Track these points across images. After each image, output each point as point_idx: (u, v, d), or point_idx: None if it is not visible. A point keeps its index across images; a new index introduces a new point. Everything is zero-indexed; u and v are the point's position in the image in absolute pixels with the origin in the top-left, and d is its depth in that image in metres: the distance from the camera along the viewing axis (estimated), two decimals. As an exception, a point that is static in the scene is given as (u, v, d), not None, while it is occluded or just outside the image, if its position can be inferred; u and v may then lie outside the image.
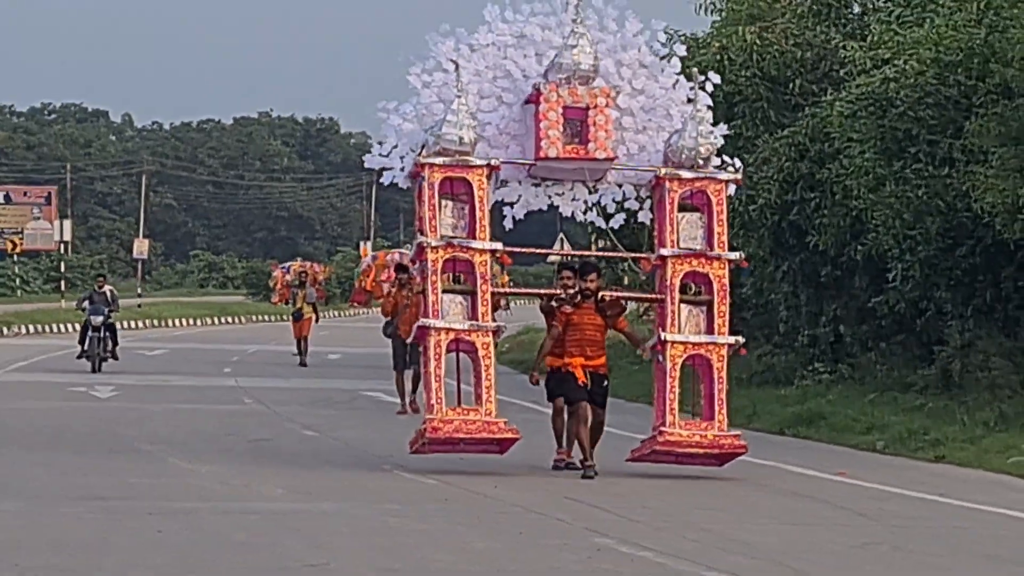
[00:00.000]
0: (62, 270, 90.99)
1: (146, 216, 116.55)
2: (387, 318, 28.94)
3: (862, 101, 28.56)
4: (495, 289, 19.05)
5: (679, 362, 18.35)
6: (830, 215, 29.59)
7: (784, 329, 31.78)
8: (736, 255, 18.95)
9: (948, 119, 27.94)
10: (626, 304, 19.27)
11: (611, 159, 18.49)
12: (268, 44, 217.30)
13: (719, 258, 18.43)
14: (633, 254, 19.89)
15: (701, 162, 18.42)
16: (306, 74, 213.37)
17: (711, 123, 18.64)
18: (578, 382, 18.26)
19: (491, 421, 18.11)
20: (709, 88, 18.84)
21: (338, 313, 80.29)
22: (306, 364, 41.11)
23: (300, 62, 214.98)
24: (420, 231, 18.32)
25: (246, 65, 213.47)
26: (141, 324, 64.93)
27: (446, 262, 18.14)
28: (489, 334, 18.20)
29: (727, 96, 28.95)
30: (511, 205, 19.00)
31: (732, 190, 19.07)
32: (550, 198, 19.00)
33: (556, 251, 33.19)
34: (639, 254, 19.74)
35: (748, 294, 33.00)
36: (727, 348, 18.52)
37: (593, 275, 18.59)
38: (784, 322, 32.04)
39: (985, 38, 27.39)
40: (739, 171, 19.13)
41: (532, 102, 18.43)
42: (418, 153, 18.25)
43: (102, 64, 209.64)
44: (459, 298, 18.20)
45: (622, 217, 19.27)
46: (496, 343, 18.63)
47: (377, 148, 19.06)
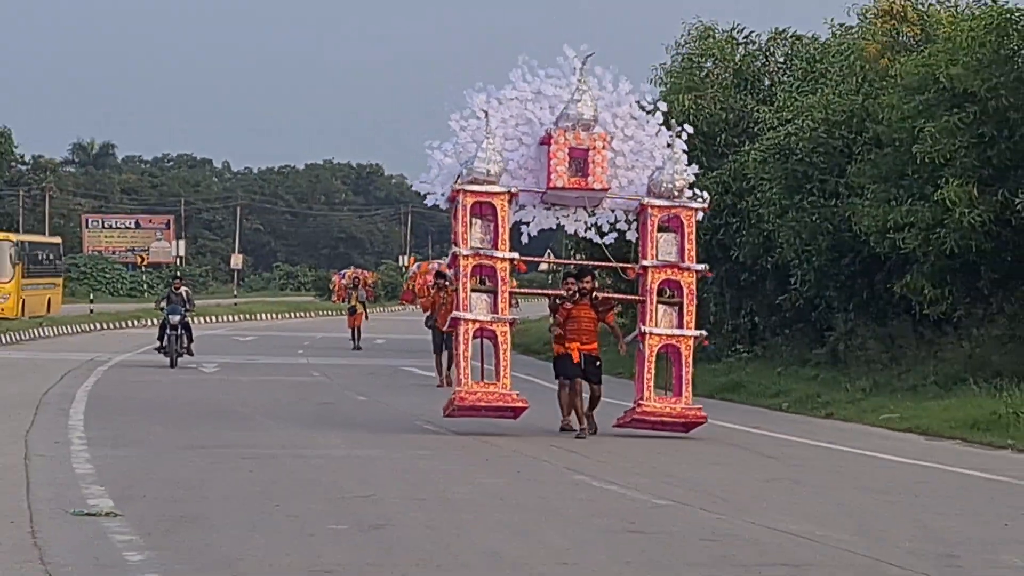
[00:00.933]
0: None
1: (240, 237, 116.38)
2: (427, 313, 28.90)
3: (770, 150, 28.58)
4: (512, 289, 18.73)
5: (655, 350, 18.02)
6: (747, 235, 29.61)
7: (713, 320, 31.71)
8: (702, 267, 18.65)
9: (834, 163, 27.94)
10: (615, 304, 19.01)
11: (605, 190, 18.22)
12: (329, 107, 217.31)
13: (689, 269, 18.15)
14: (621, 264, 19.61)
15: (677, 193, 18.10)
16: (359, 129, 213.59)
17: (685, 163, 18.36)
18: (574, 362, 17.94)
19: (507, 393, 17.86)
20: (684, 136, 18.55)
21: (382, 309, 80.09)
22: (360, 347, 41.09)
23: (354, 120, 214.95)
24: (455, 243, 18.05)
25: (314, 122, 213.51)
26: (236, 318, 64.82)
27: (474, 267, 17.89)
28: (507, 325, 18.01)
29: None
30: (527, 224, 18.74)
31: (700, 216, 18.72)
32: (558, 219, 18.73)
33: (560, 261, 32.61)
34: (626, 264, 19.39)
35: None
36: (693, 339, 18.22)
37: (588, 278, 18.30)
38: (714, 315, 31.99)
39: (862, 103, 27.40)
40: (706, 202, 18.76)
41: (545, 143, 18.20)
42: (455, 181, 18.04)
43: (208, 122, 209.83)
44: (484, 296, 17.93)
45: (614, 235, 18.93)
46: (512, 332, 18.37)
47: (423, 176, 18.83)
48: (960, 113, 24.13)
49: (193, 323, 33.98)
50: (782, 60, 34.48)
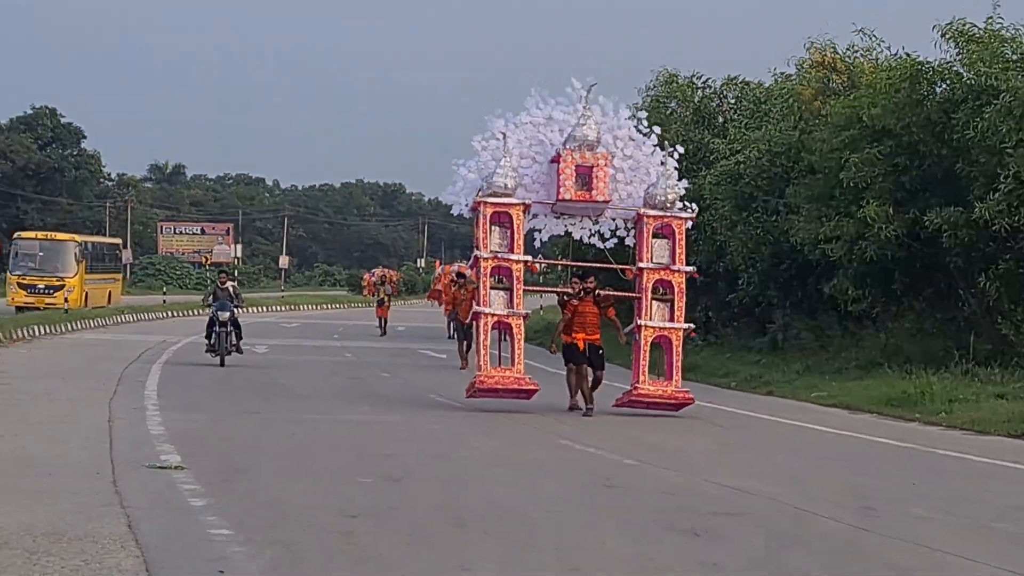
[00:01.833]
0: (235, 275, 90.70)
1: (286, 242, 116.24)
2: (450, 307, 28.71)
3: (723, 175, 28.59)
4: (525, 287, 18.02)
5: (649, 340, 17.50)
6: (703, 244, 29.55)
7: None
8: (691, 268, 18.01)
9: (775, 186, 27.94)
10: (614, 300, 18.47)
11: (607, 202, 17.75)
12: (360, 135, 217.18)
13: (679, 271, 17.61)
14: (621, 266, 18.87)
15: (669, 205, 17.64)
16: (385, 153, 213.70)
17: (676, 179, 17.94)
18: (579, 350, 17.37)
19: (520, 377, 17.31)
20: (675, 156, 18.11)
21: (401, 303, 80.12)
22: (385, 333, 41.04)
23: (381, 145, 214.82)
24: (476, 247, 17.60)
25: (348, 148, 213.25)
26: (283, 308, 64.71)
27: (493, 268, 17.40)
28: (521, 318, 17.45)
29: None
30: (539, 231, 18.29)
31: (689, 225, 18.06)
32: (566, 227, 18.27)
33: (566, 262, 32.11)
34: (625, 266, 18.73)
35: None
36: (682, 331, 17.66)
37: (592, 278, 17.81)
38: (675, 309, 32.00)
39: (798, 137, 27.41)
40: (695, 212, 18.10)
41: (555, 161, 17.81)
42: (477, 194, 17.66)
43: (262, 147, 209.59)
44: (501, 293, 17.46)
45: (614, 241, 18.42)
46: (525, 324, 17.77)
47: (450, 188, 18.39)
48: (879, 146, 24.17)
49: (247, 312, 31.77)
50: (733, 101, 34.51)
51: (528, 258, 17.69)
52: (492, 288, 17.43)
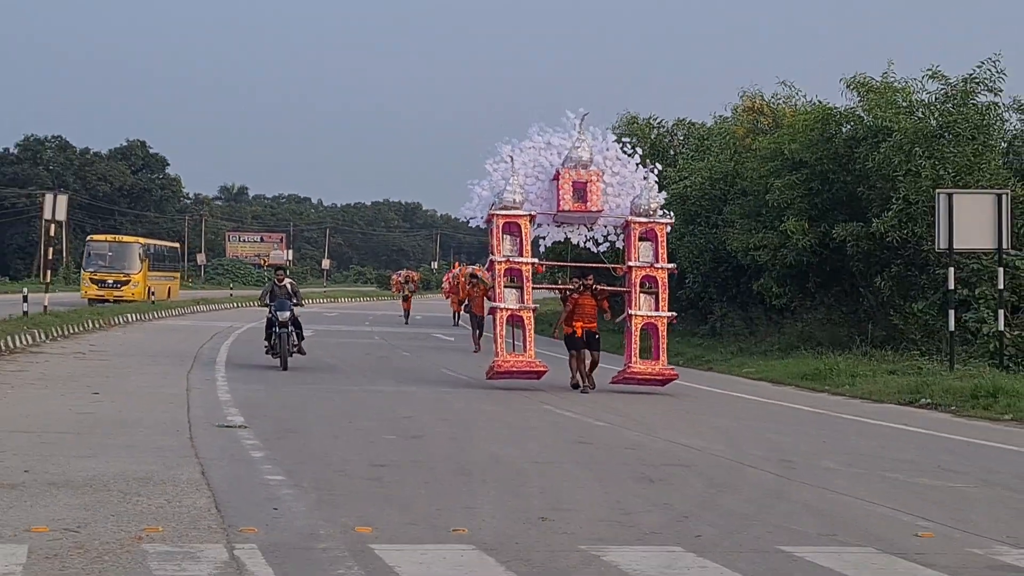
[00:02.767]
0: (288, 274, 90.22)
1: (328, 249, 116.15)
2: (464, 301, 28.65)
3: (674, 197, 28.49)
4: (533, 285, 17.38)
5: (639, 326, 17.07)
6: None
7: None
8: (672, 265, 17.53)
9: (715, 205, 27.96)
10: (608, 293, 18.02)
11: (599, 211, 17.34)
12: (388, 161, 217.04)
13: (662, 268, 17.17)
14: (613, 265, 18.43)
15: (652, 213, 17.22)
16: (406, 176, 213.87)
17: (657, 191, 17.56)
18: (579, 339, 16.83)
19: (531, 361, 16.73)
20: (655, 172, 17.71)
21: (419, 297, 79.96)
22: (407, 322, 40.93)
23: (403, 171, 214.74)
24: (491, 252, 16.95)
25: (377, 173, 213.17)
26: (324, 300, 64.62)
27: (506, 270, 16.87)
28: (530, 311, 16.90)
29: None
30: (543, 238, 17.87)
31: (669, 229, 17.61)
32: (566, 234, 17.84)
33: (566, 263, 31.87)
34: (616, 264, 18.33)
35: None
36: (666, 319, 17.22)
37: (590, 276, 17.30)
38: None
39: (733, 167, 27.45)
40: (672, 218, 17.77)
41: (555, 179, 17.45)
42: (490, 208, 17.18)
43: (309, 172, 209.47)
44: (514, 290, 16.91)
45: (607, 244, 18.02)
46: (534, 316, 17.27)
47: (467, 204, 17.82)
48: (797, 174, 24.21)
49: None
50: (682, 138, 34.50)
51: (535, 260, 17.27)
52: (506, 286, 16.89)
